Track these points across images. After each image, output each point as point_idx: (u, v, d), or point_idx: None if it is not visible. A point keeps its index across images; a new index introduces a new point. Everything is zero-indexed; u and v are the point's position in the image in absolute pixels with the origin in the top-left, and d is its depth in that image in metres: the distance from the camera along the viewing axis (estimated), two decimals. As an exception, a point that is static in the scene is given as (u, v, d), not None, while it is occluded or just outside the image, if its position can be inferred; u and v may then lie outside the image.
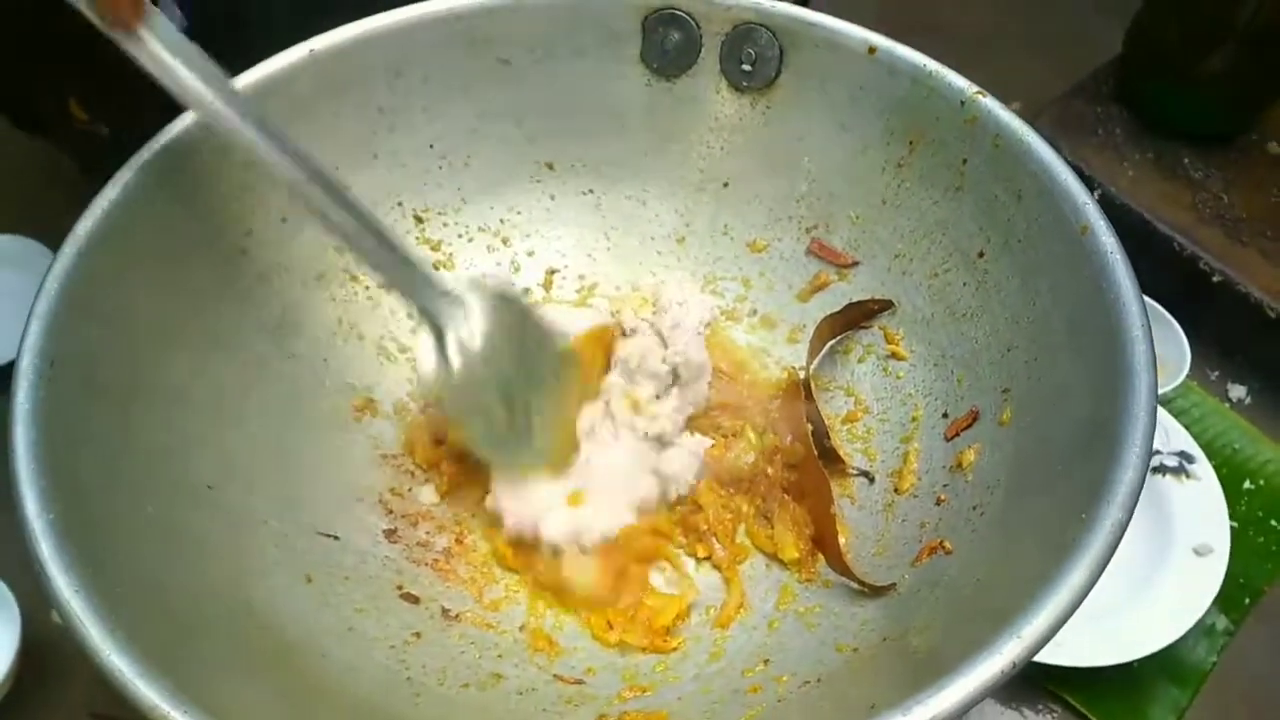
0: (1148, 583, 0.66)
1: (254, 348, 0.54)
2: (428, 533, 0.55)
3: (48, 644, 0.61)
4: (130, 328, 0.48)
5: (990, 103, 0.53)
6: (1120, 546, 0.67)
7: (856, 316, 0.59)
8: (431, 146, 0.61)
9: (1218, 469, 0.71)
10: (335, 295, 0.59)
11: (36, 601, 0.57)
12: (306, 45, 0.55)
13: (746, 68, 0.60)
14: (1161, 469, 0.71)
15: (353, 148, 0.58)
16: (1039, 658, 0.58)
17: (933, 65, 0.55)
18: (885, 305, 0.59)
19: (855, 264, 0.61)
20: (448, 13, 0.59)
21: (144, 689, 0.35)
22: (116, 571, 0.40)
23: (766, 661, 0.48)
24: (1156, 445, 0.74)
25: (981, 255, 0.54)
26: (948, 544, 0.48)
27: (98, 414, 0.45)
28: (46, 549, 0.38)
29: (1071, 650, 0.61)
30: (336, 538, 0.52)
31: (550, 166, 0.64)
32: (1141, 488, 0.40)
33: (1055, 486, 0.44)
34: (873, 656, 0.45)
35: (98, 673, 0.36)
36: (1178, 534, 0.68)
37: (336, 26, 0.56)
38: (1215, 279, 0.79)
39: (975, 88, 0.54)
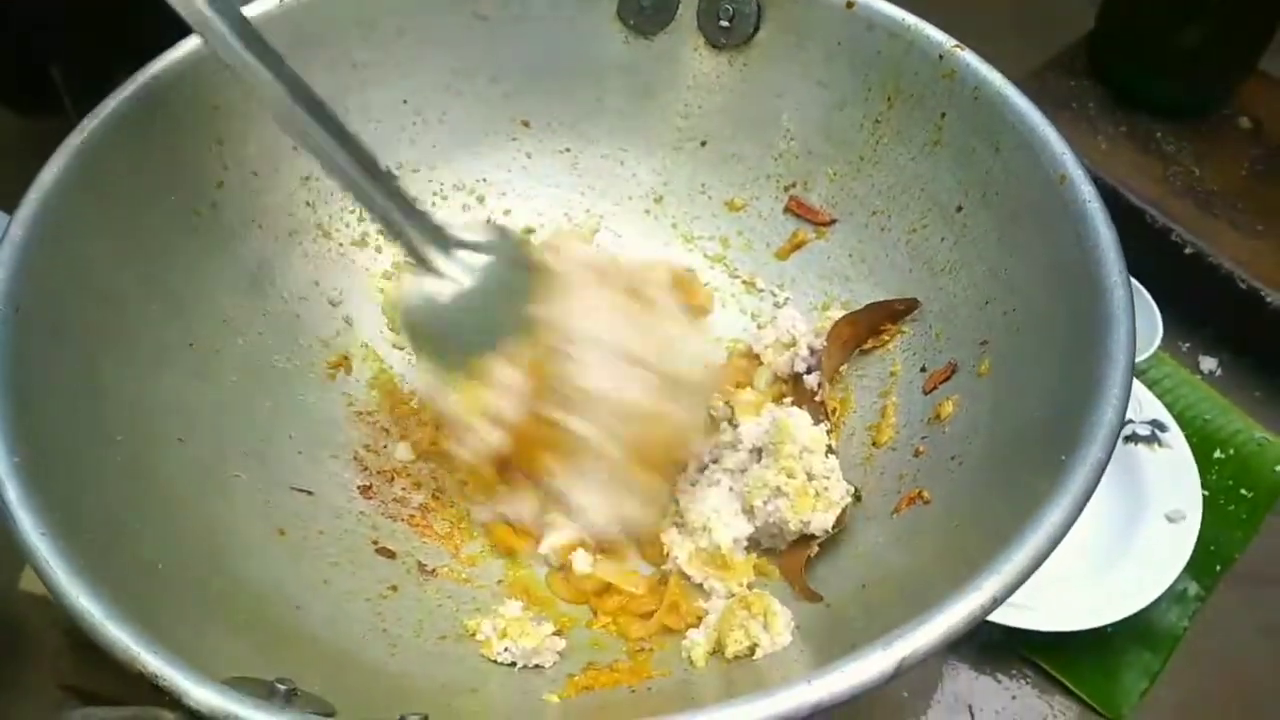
0: (1121, 549, 0.66)
1: (226, 302, 0.54)
2: (404, 489, 0.54)
3: (14, 620, 0.60)
4: (98, 278, 0.47)
5: (969, 56, 0.53)
6: (1093, 512, 0.68)
7: (879, 318, 0.57)
8: (405, 102, 0.61)
9: (1189, 438, 0.71)
10: (308, 251, 0.58)
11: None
12: (274, -4, 0.54)
13: (724, 24, 0.60)
14: (1134, 437, 0.72)
15: (325, 99, 0.57)
16: (1012, 622, 0.59)
17: (911, 19, 0.55)
18: (911, 305, 0.56)
19: (833, 221, 0.60)
20: (423, -35, 0.58)
21: (113, 630, 0.34)
22: (85, 517, 0.39)
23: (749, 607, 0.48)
24: (1129, 415, 0.74)
25: (960, 209, 0.54)
26: (926, 494, 0.48)
27: (66, 362, 0.44)
28: (13, 492, 0.37)
29: (1045, 615, 0.61)
30: (310, 493, 0.51)
31: (526, 124, 0.63)
32: (1121, 428, 0.40)
33: (1035, 431, 0.44)
34: (858, 602, 0.45)
35: (66, 617, 0.35)
36: (1150, 501, 0.68)
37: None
38: (1187, 251, 0.79)
39: (954, 41, 0.54)
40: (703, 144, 0.63)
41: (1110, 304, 0.43)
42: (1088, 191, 0.47)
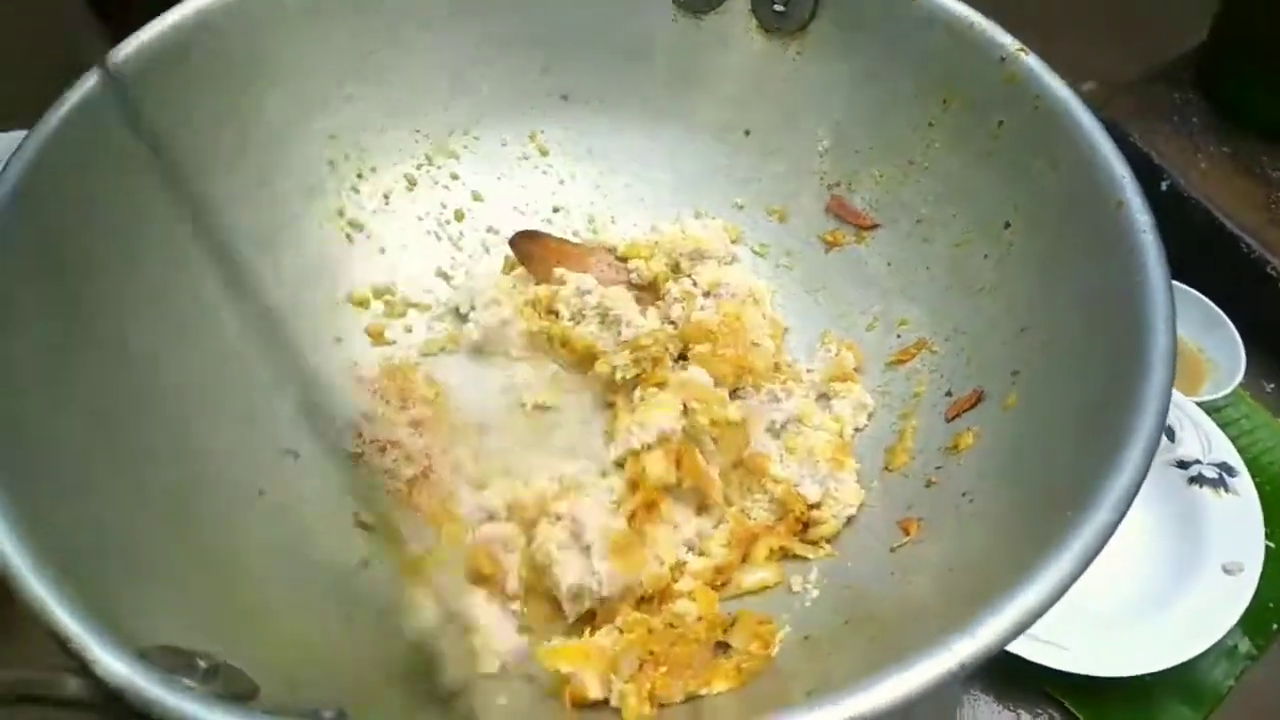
0: (1170, 596, 0.61)
1: (239, 256, 0.53)
2: (395, 461, 0.52)
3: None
4: (102, 209, 0.46)
5: (1033, 61, 0.49)
6: (1145, 554, 0.64)
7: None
8: (445, 69, 0.59)
9: (1260, 486, 0.66)
10: (330, 210, 0.57)
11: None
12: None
13: (779, 8, 0.56)
14: (1199, 479, 0.67)
15: (362, 63, 0.56)
16: (1043, 660, 0.55)
17: (975, 17, 0.51)
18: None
19: (875, 226, 0.57)
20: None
21: (31, 581, 0.33)
22: (41, 460, 0.38)
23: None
24: (1196, 454, 0.69)
25: (1007, 226, 0.50)
26: (928, 529, 0.45)
27: (49, 293, 0.43)
28: None
29: (1079, 656, 0.57)
30: (298, 455, 0.51)
31: (566, 99, 0.61)
32: (1136, 491, 0.36)
33: (1049, 480, 0.41)
34: (831, 638, 0.42)
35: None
36: (1209, 549, 0.63)
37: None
38: (1282, 285, 0.73)
39: (1018, 44, 0.50)
40: (746, 133, 0.60)
41: (1150, 351, 0.39)
42: (1144, 222, 0.43)
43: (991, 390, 0.48)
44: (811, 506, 0.50)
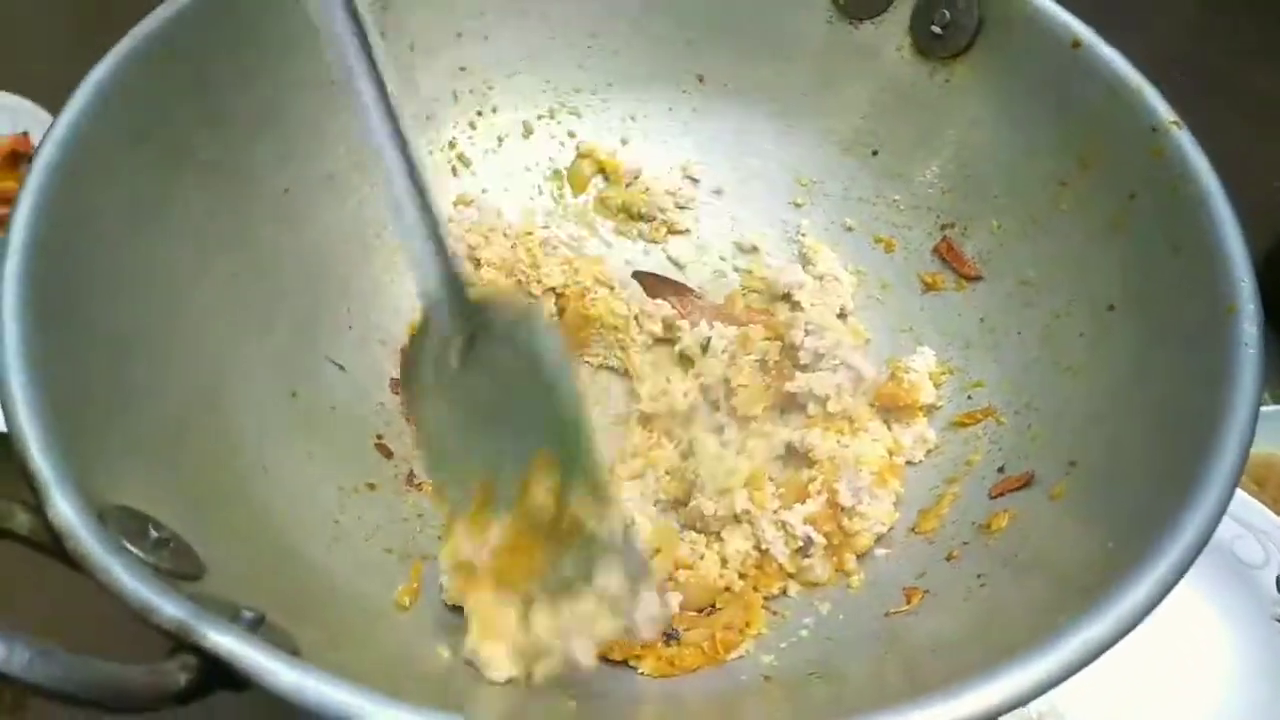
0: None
1: (336, 164, 0.54)
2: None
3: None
4: (215, 98, 0.48)
5: (1185, 137, 0.44)
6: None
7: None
8: (588, 26, 0.58)
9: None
10: (443, 140, 0.58)
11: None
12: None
13: (937, 30, 0.53)
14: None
15: (504, 1, 0.56)
16: None
17: (1136, 79, 0.47)
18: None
19: (978, 278, 0.53)
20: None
21: (22, 415, 0.34)
22: (78, 310, 0.39)
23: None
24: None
25: (1111, 308, 0.46)
26: (927, 601, 0.41)
27: (137, 177, 0.44)
28: (13, 266, 0.37)
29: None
30: (343, 368, 0.51)
31: (701, 80, 0.60)
32: (1144, 616, 0.32)
33: (1065, 581, 0.37)
34: (789, 685, 0.40)
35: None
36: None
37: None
38: None
39: (1173, 116, 0.45)
40: (874, 153, 0.57)
41: (1210, 475, 0.35)
42: (1250, 334, 0.38)
43: (1043, 475, 0.44)
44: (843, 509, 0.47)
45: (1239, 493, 0.69)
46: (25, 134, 0.82)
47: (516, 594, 0.40)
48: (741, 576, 0.47)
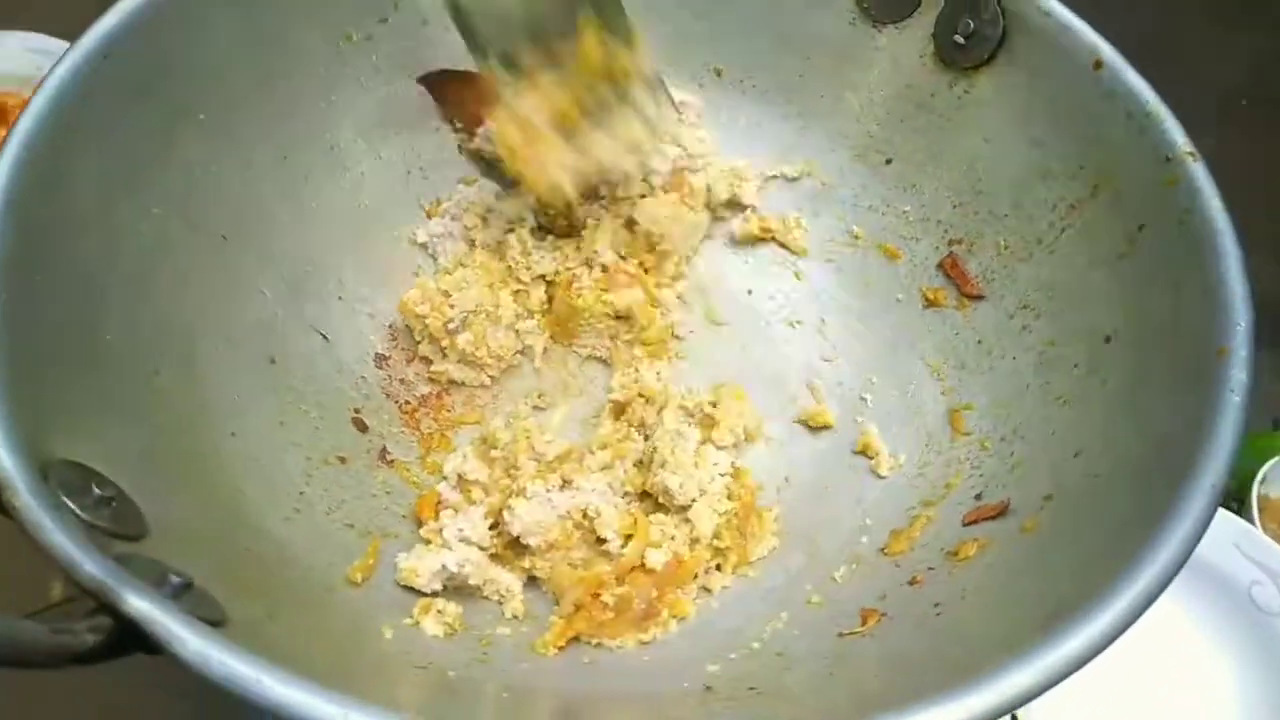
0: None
1: (341, 134, 0.54)
2: (416, 374, 0.53)
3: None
4: (220, 53, 0.47)
5: (1199, 170, 0.43)
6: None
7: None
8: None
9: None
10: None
11: None
12: None
13: (960, 39, 0.52)
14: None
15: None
16: None
17: (1155, 104, 0.45)
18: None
19: (980, 298, 0.52)
20: None
21: None
22: (53, 252, 0.39)
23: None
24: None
25: (1108, 340, 0.44)
26: (882, 625, 0.40)
27: (149, 119, 0.44)
28: None
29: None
30: (327, 338, 0.51)
31: (719, 73, 0.58)
32: (1095, 656, 0.31)
33: (1017, 619, 0.36)
34: (730, 699, 0.39)
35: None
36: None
37: None
38: None
39: (1189, 146, 0.43)
40: (888, 161, 0.56)
41: (1180, 517, 0.34)
42: (1238, 380, 0.37)
43: (1018, 506, 0.43)
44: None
45: (1259, 536, 0.67)
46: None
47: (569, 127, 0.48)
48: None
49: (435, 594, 0.44)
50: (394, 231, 0.56)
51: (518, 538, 0.46)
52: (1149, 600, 0.32)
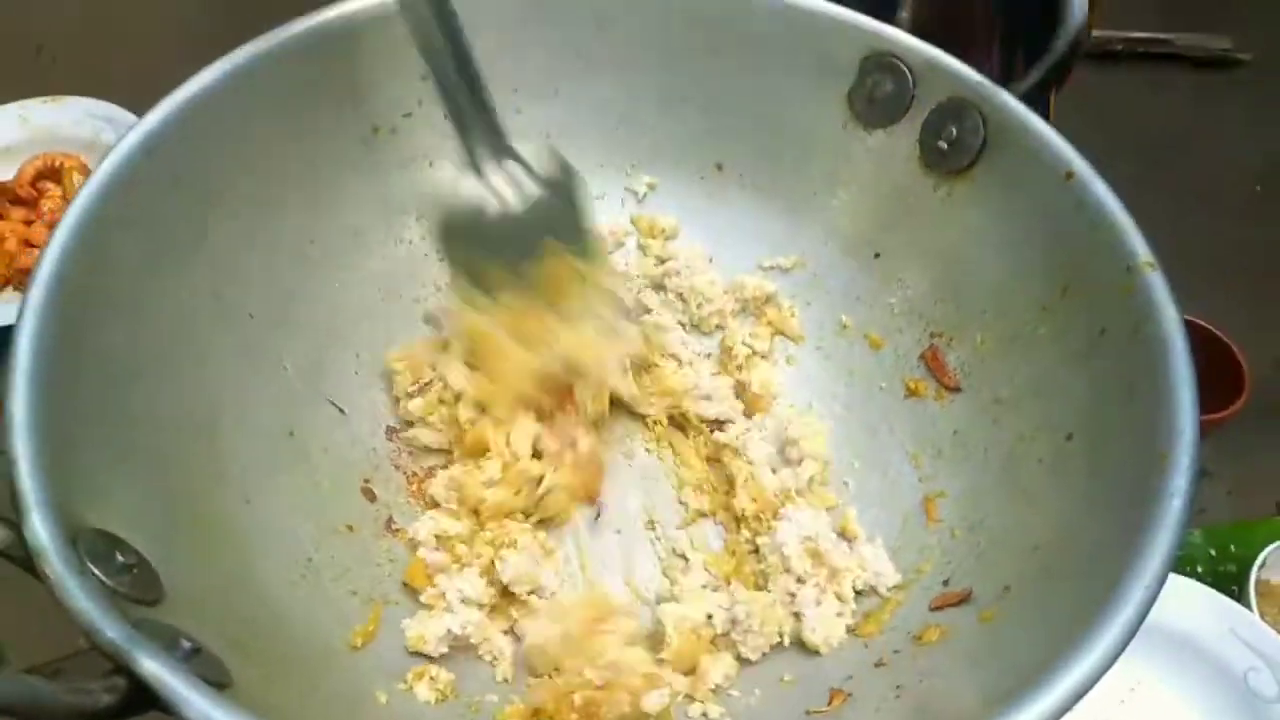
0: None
1: (364, 219, 0.58)
2: (425, 445, 0.56)
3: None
4: (254, 151, 0.52)
5: (1156, 280, 0.45)
6: None
7: None
8: (614, 105, 0.61)
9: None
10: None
11: None
12: (525, -27, 0.57)
13: (943, 145, 0.55)
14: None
15: (539, 77, 0.60)
16: None
17: (1120, 216, 0.48)
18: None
19: (956, 390, 0.54)
20: (679, -17, 0.58)
21: (20, 436, 0.37)
22: (89, 329, 0.42)
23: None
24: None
25: (1070, 438, 0.47)
26: (847, 706, 0.43)
27: (181, 214, 0.48)
28: (36, 298, 0.41)
29: None
30: (343, 411, 0.55)
31: (719, 168, 0.62)
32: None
33: (972, 704, 0.38)
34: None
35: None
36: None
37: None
38: None
39: (1149, 258, 0.46)
40: (876, 255, 0.59)
41: (1100, 634, 0.36)
42: (1178, 486, 0.39)
43: (979, 595, 0.45)
44: None
45: (1255, 621, 0.68)
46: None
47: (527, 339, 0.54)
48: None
49: (440, 657, 0.47)
50: (410, 309, 0.59)
51: (507, 586, 0.49)
52: (1079, 692, 0.35)
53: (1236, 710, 0.68)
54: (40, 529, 0.35)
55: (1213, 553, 0.74)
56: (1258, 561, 0.70)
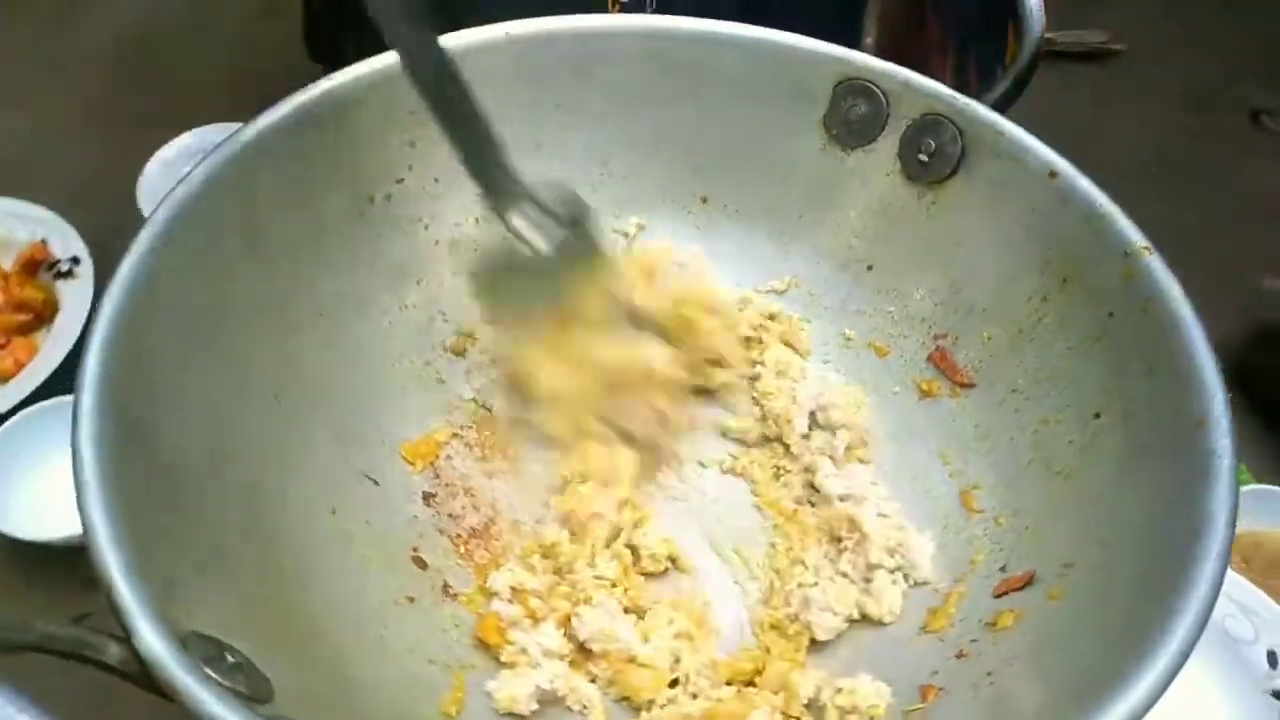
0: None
1: (368, 287, 0.57)
2: (463, 507, 0.56)
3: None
4: (257, 229, 0.51)
5: (1155, 262, 0.49)
6: None
7: None
8: (596, 152, 0.63)
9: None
10: (462, 263, 0.61)
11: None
12: (503, 28, 0.58)
13: (923, 158, 0.58)
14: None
15: (521, 132, 0.60)
16: None
17: (1107, 206, 0.51)
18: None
19: (971, 385, 0.57)
20: (651, 30, 0.60)
21: (108, 553, 0.36)
22: (156, 440, 0.42)
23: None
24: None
25: (1097, 416, 0.50)
26: (941, 699, 0.44)
27: (188, 310, 0.47)
28: (89, 398, 0.40)
29: None
30: (377, 483, 0.54)
31: (705, 201, 0.64)
32: (1145, 713, 0.36)
33: (1067, 681, 0.40)
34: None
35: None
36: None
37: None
38: None
39: (1144, 242, 0.49)
40: (869, 268, 0.62)
41: (1192, 580, 0.39)
42: (1223, 446, 0.42)
43: (1043, 575, 0.47)
44: None
45: (1229, 571, 0.72)
46: (43, 241, 0.85)
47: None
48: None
49: (532, 715, 0.47)
50: (422, 373, 0.59)
51: (584, 643, 0.49)
52: (1181, 660, 0.37)
53: (1219, 653, 0.72)
54: (151, 638, 0.35)
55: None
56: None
